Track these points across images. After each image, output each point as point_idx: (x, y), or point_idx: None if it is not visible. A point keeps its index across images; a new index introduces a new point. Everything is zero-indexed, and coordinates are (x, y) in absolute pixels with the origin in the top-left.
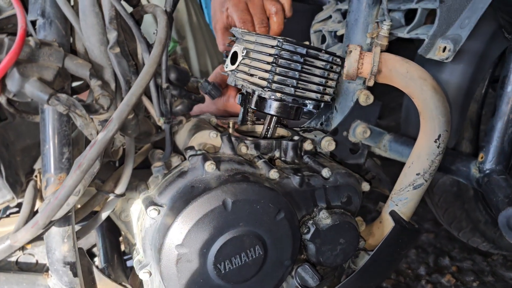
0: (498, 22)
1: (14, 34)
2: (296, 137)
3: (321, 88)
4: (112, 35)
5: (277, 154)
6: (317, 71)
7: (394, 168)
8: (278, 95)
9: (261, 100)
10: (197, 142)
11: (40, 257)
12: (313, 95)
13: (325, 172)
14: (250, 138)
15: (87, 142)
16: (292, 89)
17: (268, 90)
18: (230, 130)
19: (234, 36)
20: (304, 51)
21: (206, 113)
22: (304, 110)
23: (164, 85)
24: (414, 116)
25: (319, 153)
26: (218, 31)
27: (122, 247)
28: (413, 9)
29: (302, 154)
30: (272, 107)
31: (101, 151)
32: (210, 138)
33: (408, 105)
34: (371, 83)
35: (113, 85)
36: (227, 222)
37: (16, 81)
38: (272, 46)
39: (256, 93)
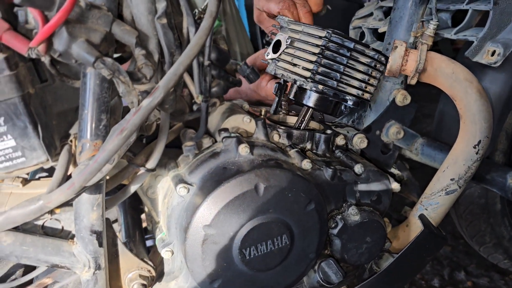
0: None
1: None
2: (328, 131)
3: (363, 85)
4: (161, 5)
5: (308, 146)
6: (362, 67)
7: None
8: (320, 87)
9: (301, 91)
10: (230, 126)
11: (66, 224)
12: (354, 91)
13: (358, 168)
14: (282, 127)
15: (124, 113)
16: (335, 82)
17: (311, 81)
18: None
19: (278, 24)
20: (351, 45)
21: (239, 99)
22: (343, 107)
23: (206, 63)
24: (449, 122)
25: (350, 149)
26: (261, 23)
27: (144, 225)
28: (460, 10)
29: (334, 148)
30: (311, 99)
31: (145, 117)
32: (243, 122)
33: (443, 110)
34: (413, 81)
35: (156, 56)
36: (257, 207)
37: (64, 40)
38: (320, 37)
39: (297, 83)
